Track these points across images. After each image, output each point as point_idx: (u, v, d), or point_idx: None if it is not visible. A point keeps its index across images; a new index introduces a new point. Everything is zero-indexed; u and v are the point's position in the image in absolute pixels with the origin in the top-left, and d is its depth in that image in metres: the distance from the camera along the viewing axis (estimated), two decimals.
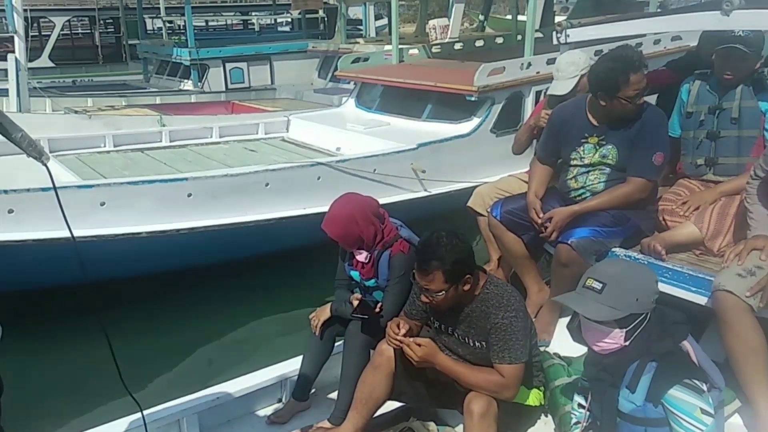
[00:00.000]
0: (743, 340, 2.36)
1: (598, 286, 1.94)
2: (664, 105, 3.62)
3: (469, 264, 2.37)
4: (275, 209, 5.97)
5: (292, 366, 3.17)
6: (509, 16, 13.66)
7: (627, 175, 2.96)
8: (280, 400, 3.20)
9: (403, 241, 2.86)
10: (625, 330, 1.96)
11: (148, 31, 17.67)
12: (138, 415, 2.62)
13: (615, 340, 1.97)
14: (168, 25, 16.33)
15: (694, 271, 2.72)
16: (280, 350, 3.83)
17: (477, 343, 2.48)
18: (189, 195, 5.64)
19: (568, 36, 3.68)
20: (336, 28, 14.29)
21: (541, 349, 2.91)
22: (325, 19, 16.17)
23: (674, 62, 4.11)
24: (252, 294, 5.85)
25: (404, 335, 2.48)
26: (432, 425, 2.80)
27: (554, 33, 3.78)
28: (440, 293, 2.34)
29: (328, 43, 13.53)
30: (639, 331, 1.96)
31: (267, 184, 5.96)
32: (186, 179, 5.68)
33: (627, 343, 1.97)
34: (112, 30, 17.84)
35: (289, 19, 18.82)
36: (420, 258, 2.36)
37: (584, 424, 2.22)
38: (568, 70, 3.47)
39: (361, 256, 2.90)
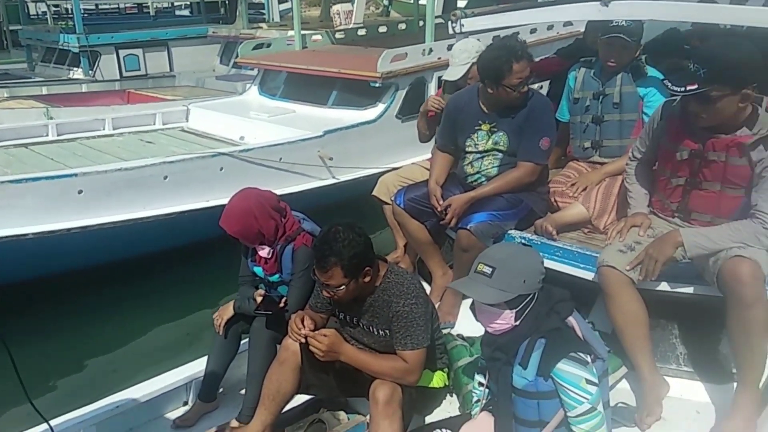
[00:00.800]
0: (625, 311, 2.53)
1: (488, 270, 2.01)
2: (555, 91, 3.81)
3: (368, 256, 2.38)
4: (175, 203, 5.76)
5: (197, 367, 3.08)
6: (413, 1, 13.80)
7: (517, 160, 3.08)
8: (185, 403, 3.11)
9: (306, 234, 2.84)
10: (514, 310, 2.05)
11: (32, 16, 16.42)
12: (41, 427, 2.47)
13: (506, 320, 2.06)
14: (54, 9, 15.18)
15: (582, 248, 2.88)
16: (185, 352, 3.72)
17: (381, 332, 2.51)
18: (80, 192, 5.33)
19: (463, 25, 3.77)
20: (237, 13, 13.84)
21: (446, 331, 2.99)
22: (226, 3, 15.62)
23: (563, 50, 4.32)
24: (153, 293, 5.62)
25: (308, 329, 2.47)
26: (342, 415, 2.82)
27: (449, 22, 3.86)
28: (341, 288, 2.35)
29: (230, 28, 13.08)
30: (528, 310, 2.06)
31: (165, 177, 5.73)
32: (76, 175, 5.36)
33: (517, 322, 2.06)
34: None
35: (188, 3, 18.03)
36: (318, 255, 2.34)
37: (484, 401, 2.31)
38: (461, 57, 3.56)
39: (264, 252, 2.85)
